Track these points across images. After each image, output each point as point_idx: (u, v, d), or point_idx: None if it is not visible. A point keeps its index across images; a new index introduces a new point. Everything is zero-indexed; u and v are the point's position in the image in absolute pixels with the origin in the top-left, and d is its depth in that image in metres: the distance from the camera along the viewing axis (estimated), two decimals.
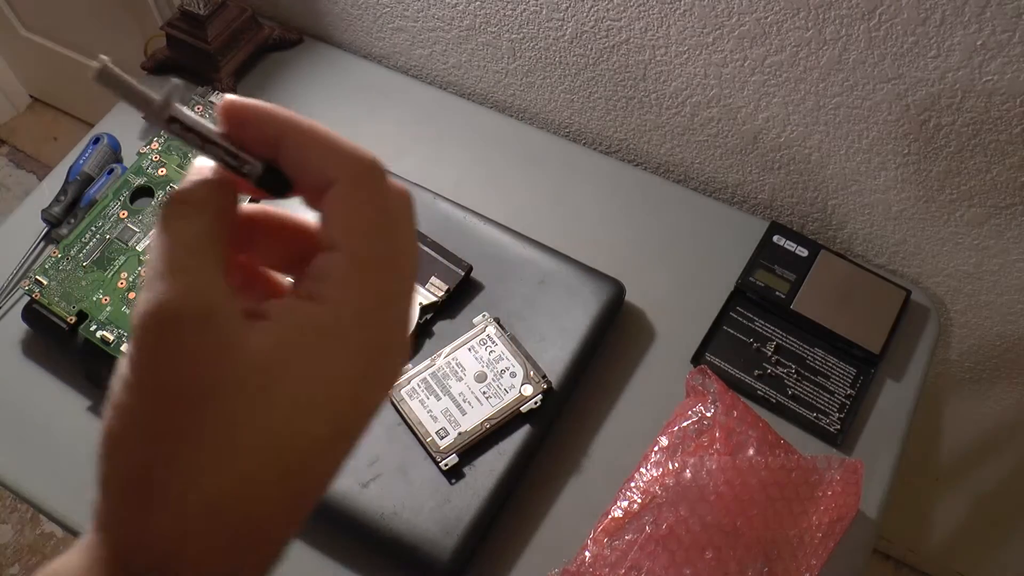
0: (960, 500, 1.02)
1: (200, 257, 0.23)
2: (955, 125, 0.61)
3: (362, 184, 0.24)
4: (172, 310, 0.22)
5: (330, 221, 0.24)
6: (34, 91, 1.69)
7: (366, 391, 0.25)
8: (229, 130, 0.25)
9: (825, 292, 0.66)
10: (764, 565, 0.55)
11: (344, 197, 0.24)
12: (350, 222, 0.24)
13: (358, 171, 0.24)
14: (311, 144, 0.24)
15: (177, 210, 0.24)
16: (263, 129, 0.24)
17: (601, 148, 0.82)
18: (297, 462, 0.23)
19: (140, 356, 0.22)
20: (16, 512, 1.29)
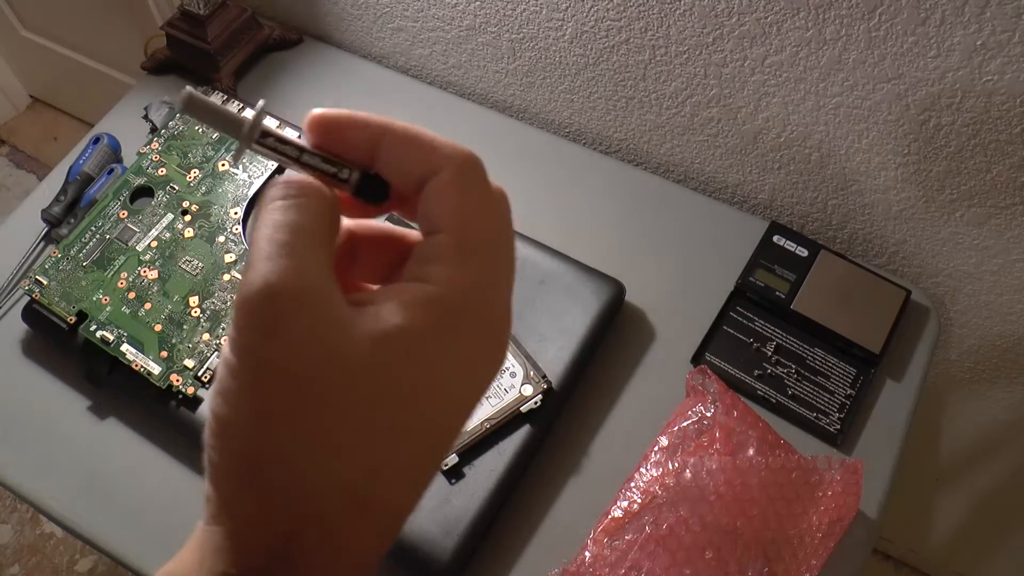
0: (960, 500, 1.02)
1: (313, 245, 0.23)
2: (955, 125, 0.61)
3: (468, 171, 0.25)
4: (285, 289, 0.22)
5: (435, 205, 0.24)
6: (34, 91, 1.69)
7: (480, 371, 0.25)
8: (319, 142, 0.25)
9: (825, 292, 0.66)
10: (764, 565, 0.55)
11: (450, 182, 0.24)
12: (457, 204, 0.24)
13: (462, 160, 0.24)
14: (413, 140, 0.25)
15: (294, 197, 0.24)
16: (358, 136, 0.25)
17: (601, 148, 0.82)
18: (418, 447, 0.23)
19: (248, 337, 0.22)
20: (16, 512, 1.29)
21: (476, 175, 0.25)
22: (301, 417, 0.22)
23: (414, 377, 0.23)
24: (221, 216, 0.68)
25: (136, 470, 0.62)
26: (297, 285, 0.22)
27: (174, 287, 0.64)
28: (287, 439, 0.22)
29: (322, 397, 0.22)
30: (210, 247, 0.66)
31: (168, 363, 0.62)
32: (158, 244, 0.66)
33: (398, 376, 0.22)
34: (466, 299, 0.24)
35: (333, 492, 0.22)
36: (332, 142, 0.25)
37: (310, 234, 0.23)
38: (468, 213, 0.24)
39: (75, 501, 0.61)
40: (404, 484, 0.23)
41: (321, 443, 0.22)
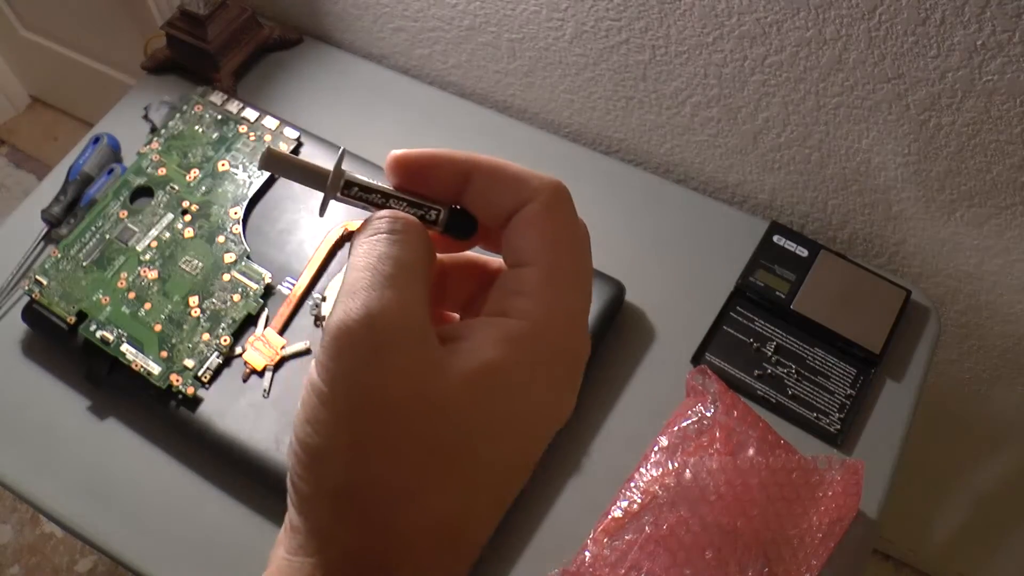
0: (960, 500, 1.02)
1: (416, 281, 0.23)
2: (955, 125, 0.61)
3: (557, 203, 0.25)
4: (388, 320, 0.22)
5: (524, 238, 0.24)
6: (34, 91, 1.69)
7: (560, 407, 0.25)
8: (402, 183, 0.25)
9: (825, 292, 0.66)
10: (764, 565, 0.55)
11: (540, 214, 0.24)
12: (547, 237, 0.24)
13: (552, 192, 0.25)
14: (502, 174, 0.25)
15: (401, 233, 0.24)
16: (445, 174, 0.25)
17: (601, 148, 0.82)
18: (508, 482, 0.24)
19: (346, 366, 0.22)
20: (16, 512, 1.29)
21: (565, 207, 0.25)
22: (399, 450, 0.22)
23: (504, 413, 0.23)
24: (221, 216, 0.68)
25: (136, 470, 0.62)
26: (400, 318, 0.22)
27: (174, 287, 0.64)
28: (385, 471, 0.22)
29: (420, 431, 0.22)
30: (210, 247, 0.66)
31: (168, 363, 0.62)
32: (158, 244, 0.66)
33: (490, 412, 0.23)
34: (553, 333, 0.24)
35: (428, 527, 0.22)
36: (417, 182, 0.25)
37: (414, 271, 0.23)
38: (558, 246, 0.24)
39: (75, 501, 0.61)
40: (490, 517, 0.24)
41: (418, 477, 0.22)
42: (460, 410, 0.22)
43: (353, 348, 0.22)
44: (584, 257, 0.25)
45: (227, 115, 0.73)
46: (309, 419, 0.22)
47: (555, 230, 0.24)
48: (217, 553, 0.59)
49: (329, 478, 0.22)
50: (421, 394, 0.22)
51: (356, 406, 0.22)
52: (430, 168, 0.25)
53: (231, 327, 0.63)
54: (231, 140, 0.71)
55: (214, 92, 0.74)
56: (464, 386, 0.22)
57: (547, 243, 0.24)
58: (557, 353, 0.24)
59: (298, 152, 0.72)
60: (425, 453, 0.22)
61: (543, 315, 0.24)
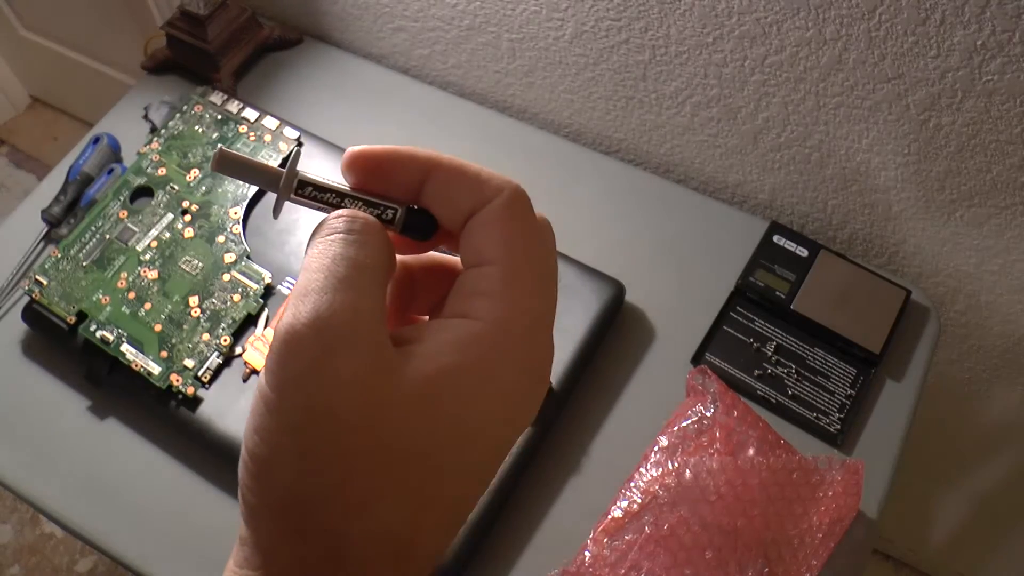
0: (960, 500, 1.02)
1: (371, 284, 0.23)
2: (955, 125, 0.61)
3: (516, 204, 0.24)
4: (338, 324, 0.21)
5: (483, 238, 0.24)
6: (34, 91, 1.69)
7: (521, 413, 0.24)
8: (360, 181, 0.25)
9: (825, 292, 0.66)
10: (764, 565, 0.55)
11: (499, 214, 0.24)
12: (506, 236, 0.24)
13: (510, 192, 0.24)
14: (461, 174, 0.24)
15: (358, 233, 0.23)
16: (404, 172, 0.24)
17: (601, 148, 0.82)
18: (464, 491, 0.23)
19: (291, 374, 0.21)
20: (16, 512, 1.29)
21: (524, 207, 0.24)
22: (348, 459, 0.21)
23: (459, 419, 0.22)
24: (221, 216, 0.68)
25: (136, 470, 0.62)
26: (351, 322, 0.21)
27: (174, 287, 0.64)
28: (333, 482, 0.21)
29: (370, 440, 0.21)
30: (210, 247, 0.66)
31: (168, 363, 0.62)
32: (158, 244, 0.66)
33: (445, 419, 0.22)
34: (513, 335, 0.23)
35: (378, 538, 0.21)
36: (375, 180, 0.25)
37: (370, 272, 0.23)
38: (516, 246, 0.24)
39: (75, 501, 0.61)
40: (444, 528, 0.23)
41: (368, 487, 0.21)
42: (413, 417, 0.21)
43: (301, 353, 0.21)
44: (546, 258, 0.25)
45: (227, 115, 0.73)
46: (256, 427, 0.21)
47: (515, 230, 0.24)
48: (217, 553, 0.59)
49: (275, 489, 0.21)
50: (372, 401, 0.21)
51: (304, 414, 0.21)
52: (389, 166, 0.24)
53: (231, 327, 0.63)
54: (231, 140, 0.71)
55: (214, 92, 0.74)
56: (418, 392, 0.21)
57: (507, 243, 0.24)
58: (518, 356, 0.23)
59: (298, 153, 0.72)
60: (375, 462, 0.21)
61: (503, 316, 0.23)
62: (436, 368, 0.22)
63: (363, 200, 0.25)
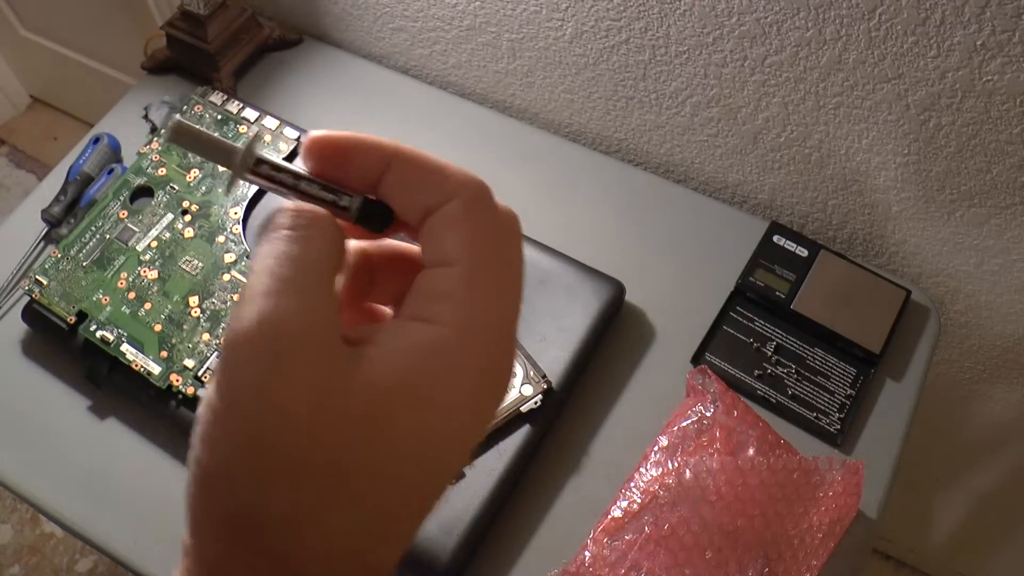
0: (960, 500, 1.02)
1: (319, 282, 0.22)
2: (955, 125, 0.61)
3: (478, 202, 0.23)
4: (285, 329, 0.20)
5: (444, 237, 0.23)
6: (34, 91, 1.69)
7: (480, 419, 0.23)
8: (318, 167, 0.24)
9: (825, 292, 0.66)
10: (764, 565, 0.55)
11: (460, 213, 0.23)
12: (468, 236, 0.23)
13: (473, 189, 0.23)
14: (422, 167, 0.23)
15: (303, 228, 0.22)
16: (364, 161, 0.23)
17: (601, 148, 0.82)
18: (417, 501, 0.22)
19: (237, 383, 0.20)
20: (16, 512, 1.29)
21: (487, 204, 0.23)
22: (295, 471, 0.20)
23: (414, 427, 0.21)
24: (221, 216, 0.68)
25: (136, 470, 0.62)
26: (298, 325, 0.20)
27: (174, 287, 0.64)
28: (278, 496, 0.20)
29: (319, 449, 0.20)
30: (210, 247, 0.66)
31: (168, 363, 0.62)
32: (158, 244, 0.66)
33: (400, 430, 0.21)
34: (474, 342, 0.22)
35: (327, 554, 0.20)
36: (333, 167, 0.24)
37: (317, 270, 0.22)
38: (479, 246, 0.23)
39: (75, 501, 0.61)
40: (398, 539, 0.22)
41: (316, 499, 0.20)
42: (366, 427, 0.20)
43: (247, 361, 0.20)
44: (510, 258, 0.24)
45: (227, 115, 0.73)
46: (204, 436, 0.21)
47: (477, 230, 0.23)
48: None
49: (222, 501, 0.20)
50: (323, 410, 0.20)
51: (250, 424, 0.20)
52: (348, 153, 0.23)
53: None
54: (231, 140, 0.71)
55: (214, 92, 0.74)
56: (372, 401, 0.20)
57: (469, 244, 0.22)
58: (479, 363, 0.22)
59: (297, 153, 0.72)
60: (324, 473, 0.20)
61: (465, 322, 0.22)
62: (391, 376, 0.21)
63: (319, 185, 0.24)
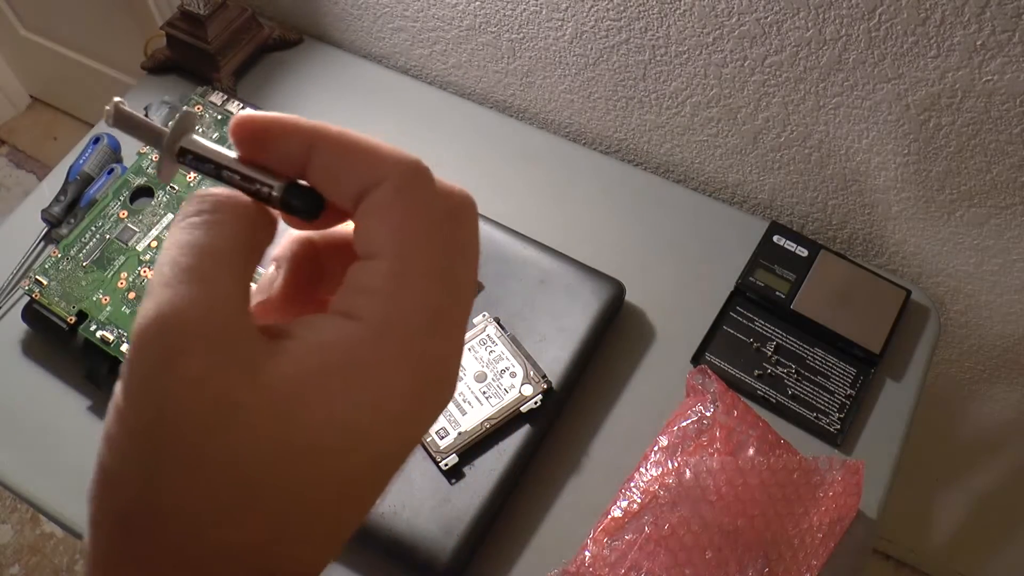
0: (960, 500, 1.02)
1: (224, 269, 0.20)
2: (955, 125, 0.61)
3: (409, 185, 0.21)
4: (182, 322, 0.19)
5: (371, 226, 0.21)
6: (34, 91, 1.69)
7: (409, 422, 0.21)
8: (245, 151, 0.23)
9: (825, 292, 0.66)
10: (764, 565, 0.55)
11: (389, 199, 0.21)
12: (397, 225, 0.21)
13: (404, 172, 0.21)
14: (348, 149, 0.21)
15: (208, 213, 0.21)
16: (287, 144, 0.22)
17: (601, 148, 0.82)
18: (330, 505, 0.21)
19: (136, 379, 0.19)
20: (16, 512, 1.29)
21: (421, 188, 0.21)
22: (195, 472, 0.19)
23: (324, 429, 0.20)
24: None
25: None
26: (197, 318, 0.19)
27: None
28: (178, 497, 0.19)
29: (220, 450, 0.19)
30: None
31: None
32: (158, 244, 0.66)
33: (306, 428, 0.19)
34: (395, 338, 0.20)
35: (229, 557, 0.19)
36: (258, 151, 0.22)
37: (221, 257, 0.20)
38: (408, 236, 0.21)
39: (75, 501, 0.61)
40: (314, 544, 0.21)
41: (217, 502, 0.19)
42: (270, 423, 0.19)
43: (146, 355, 0.19)
44: (450, 250, 0.22)
45: (227, 115, 0.73)
46: (106, 434, 0.20)
47: (407, 217, 0.21)
48: None
49: (117, 502, 0.19)
50: (223, 404, 0.19)
51: (149, 421, 0.19)
52: (270, 136, 0.22)
53: None
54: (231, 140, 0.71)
55: (214, 92, 0.74)
56: (277, 395, 0.19)
57: (396, 232, 0.21)
58: (403, 361, 0.20)
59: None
60: (227, 473, 0.19)
61: (385, 318, 0.20)
62: (299, 370, 0.20)
63: (239, 174, 0.22)
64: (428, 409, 0.22)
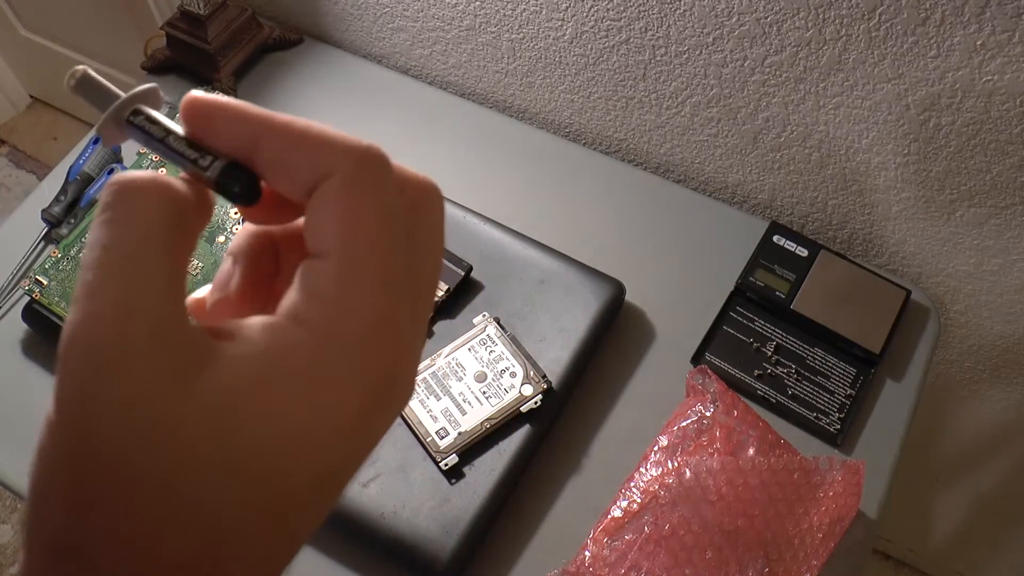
0: (960, 500, 1.02)
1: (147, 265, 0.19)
2: (955, 125, 0.61)
3: (359, 177, 0.20)
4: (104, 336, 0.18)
5: (319, 222, 0.20)
6: (34, 91, 1.69)
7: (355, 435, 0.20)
8: (195, 133, 0.21)
9: (825, 292, 0.66)
10: (764, 565, 0.55)
11: (337, 192, 0.19)
12: (344, 222, 0.19)
13: (355, 162, 0.20)
14: (295, 139, 0.20)
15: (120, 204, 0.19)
16: (233, 131, 0.20)
17: (601, 148, 0.82)
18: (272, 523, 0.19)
19: (63, 396, 0.18)
20: (16, 512, 1.29)
21: (374, 179, 0.20)
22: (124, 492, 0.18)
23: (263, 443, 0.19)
24: (221, 216, 0.68)
25: None
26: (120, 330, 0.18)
27: None
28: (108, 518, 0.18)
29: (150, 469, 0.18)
30: (210, 247, 0.66)
31: None
32: None
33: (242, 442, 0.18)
34: (341, 346, 0.19)
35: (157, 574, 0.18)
36: (206, 135, 0.21)
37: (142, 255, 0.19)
38: (360, 234, 0.19)
39: None
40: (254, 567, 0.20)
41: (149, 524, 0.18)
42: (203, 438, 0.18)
43: (69, 369, 0.18)
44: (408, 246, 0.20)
45: None
46: (38, 449, 0.19)
47: (356, 213, 0.19)
48: None
49: (48, 523, 0.19)
50: (152, 428, 0.18)
51: (76, 439, 0.18)
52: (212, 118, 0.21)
53: None
54: None
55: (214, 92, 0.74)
56: (211, 407, 0.18)
57: (345, 230, 0.19)
58: (349, 370, 0.19)
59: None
60: (158, 494, 0.18)
61: (330, 324, 0.19)
62: (236, 380, 0.18)
63: (185, 141, 0.21)
64: (378, 419, 0.21)
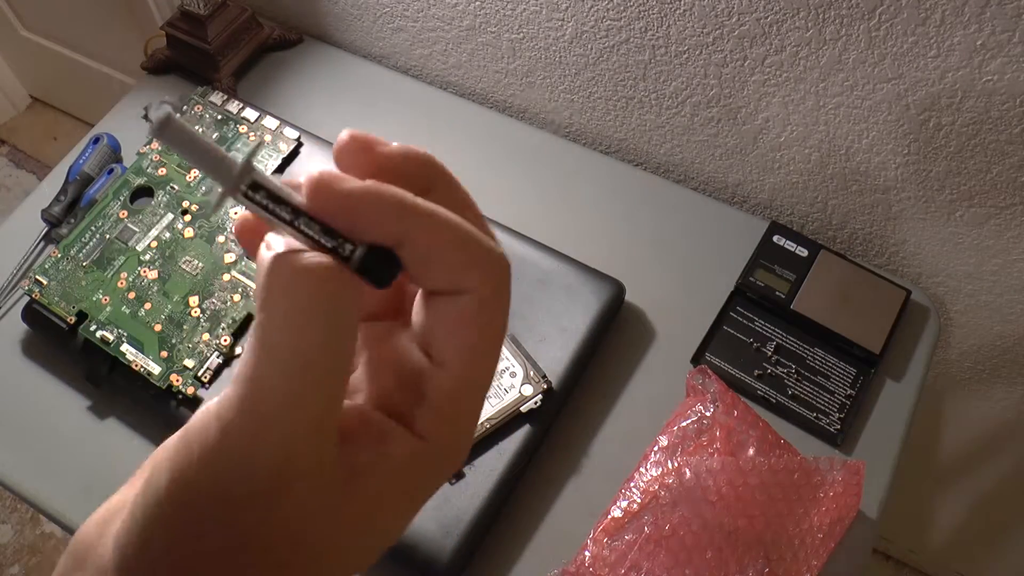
0: (960, 500, 1.02)
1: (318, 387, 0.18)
2: (955, 125, 0.61)
3: (494, 303, 0.21)
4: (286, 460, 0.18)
5: (444, 333, 0.20)
6: (34, 91, 1.69)
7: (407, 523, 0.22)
8: (332, 221, 0.19)
9: (825, 292, 0.66)
10: (765, 565, 0.55)
11: (473, 315, 0.20)
12: (471, 342, 0.20)
13: (493, 288, 0.20)
14: (447, 242, 0.20)
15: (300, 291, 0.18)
16: (377, 220, 0.19)
17: (601, 148, 0.82)
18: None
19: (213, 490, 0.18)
20: (16, 512, 1.29)
21: (501, 303, 0.21)
22: None
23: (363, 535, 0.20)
24: (221, 216, 0.68)
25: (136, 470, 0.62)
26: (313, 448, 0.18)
27: (174, 287, 0.64)
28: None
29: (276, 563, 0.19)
30: (210, 247, 0.66)
31: (168, 363, 0.62)
32: (158, 244, 0.66)
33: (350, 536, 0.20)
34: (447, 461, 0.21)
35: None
36: (347, 225, 0.19)
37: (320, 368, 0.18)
38: (483, 360, 0.21)
39: (75, 501, 0.61)
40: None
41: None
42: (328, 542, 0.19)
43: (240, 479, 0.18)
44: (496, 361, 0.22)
45: (227, 115, 0.73)
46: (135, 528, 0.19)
47: (482, 335, 0.20)
48: None
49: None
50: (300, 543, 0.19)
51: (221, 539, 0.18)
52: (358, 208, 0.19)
53: (231, 327, 0.63)
54: (231, 140, 0.71)
55: (214, 92, 0.74)
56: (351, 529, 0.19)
57: (470, 350, 0.20)
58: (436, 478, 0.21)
59: (297, 153, 0.72)
60: None
61: (446, 442, 0.21)
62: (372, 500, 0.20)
63: (320, 226, 0.19)
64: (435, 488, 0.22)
